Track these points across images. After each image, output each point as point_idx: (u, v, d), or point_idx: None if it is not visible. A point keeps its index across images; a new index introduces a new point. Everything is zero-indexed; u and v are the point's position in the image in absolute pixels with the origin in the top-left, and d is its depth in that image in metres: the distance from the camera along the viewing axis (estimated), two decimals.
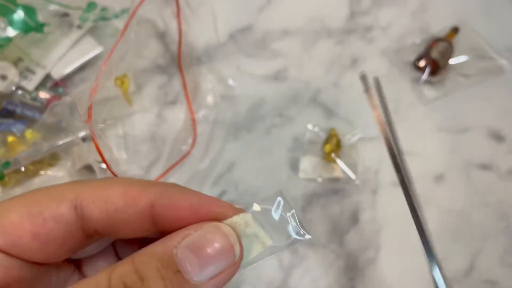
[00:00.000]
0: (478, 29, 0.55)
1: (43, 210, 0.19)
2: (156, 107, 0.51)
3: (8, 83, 0.48)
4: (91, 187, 0.19)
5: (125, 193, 0.19)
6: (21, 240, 0.18)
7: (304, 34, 0.56)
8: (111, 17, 0.51)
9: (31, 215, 0.18)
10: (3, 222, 0.18)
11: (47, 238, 0.19)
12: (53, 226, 0.19)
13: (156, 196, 0.19)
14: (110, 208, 0.19)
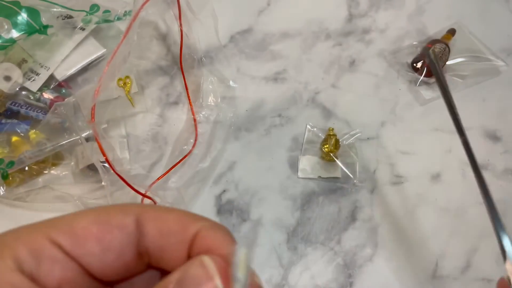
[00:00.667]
0: (474, 30, 0.55)
1: (110, 217, 0.20)
2: (158, 108, 0.51)
3: (12, 84, 0.48)
4: (154, 208, 0.21)
5: (179, 219, 0.20)
6: (86, 242, 0.19)
7: (303, 36, 0.56)
8: (113, 19, 0.52)
9: (99, 221, 0.20)
10: (74, 225, 0.20)
11: (109, 245, 0.20)
12: (117, 234, 0.20)
13: (201, 228, 0.20)
14: (164, 229, 0.20)
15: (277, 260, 0.45)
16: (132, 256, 0.21)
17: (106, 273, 0.20)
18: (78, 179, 0.47)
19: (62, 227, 0.20)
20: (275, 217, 0.47)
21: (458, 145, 0.51)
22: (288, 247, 0.45)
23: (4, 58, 0.49)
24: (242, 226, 0.46)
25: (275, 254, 0.45)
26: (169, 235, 0.20)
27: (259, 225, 0.46)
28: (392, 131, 0.51)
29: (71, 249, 0.19)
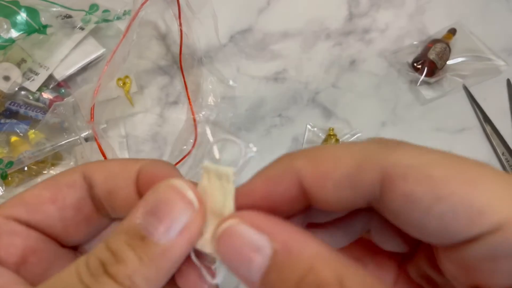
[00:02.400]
0: (475, 30, 0.55)
1: (58, 179, 0.21)
2: (157, 108, 0.51)
3: (11, 83, 0.48)
4: (98, 161, 0.22)
5: (120, 163, 0.22)
6: (41, 206, 0.20)
7: (303, 36, 0.56)
8: (113, 19, 0.52)
9: (48, 185, 0.21)
10: (24, 195, 0.20)
11: (63, 203, 0.20)
12: (68, 191, 0.21)
13: (142, 165, 0.21)
14: (109, 174, 0.21)
15: None
16: (89, 208, 0.21)
17: (70, 233, 0.21)
18: None
19: (14, 202, 0.20)
20: None
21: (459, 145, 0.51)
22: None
23: (3, 58, 0.49)
24: None
25: None
26: (114, 178, 0.21)
27: None
28: (392, 131, 0.51)
29: (28, 217, 0.20)
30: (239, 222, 0.17)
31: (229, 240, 0.17)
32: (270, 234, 0.17)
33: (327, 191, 0.18)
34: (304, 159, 0.18)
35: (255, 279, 0.16)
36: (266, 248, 0.16)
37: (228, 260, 0.17)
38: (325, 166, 0.18)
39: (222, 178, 0.18)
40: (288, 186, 0.18)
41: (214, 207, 0.19)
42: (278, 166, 0.19)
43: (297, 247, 0.16)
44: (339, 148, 0.18)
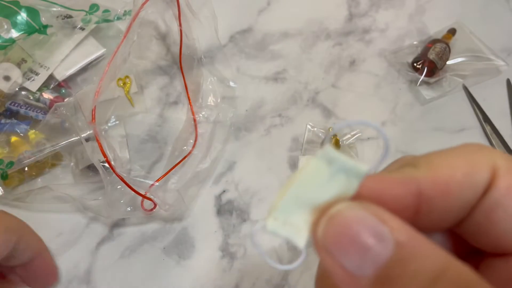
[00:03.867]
0: (475, 30, 0.55)
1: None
2: (158, 108, 0.51)
3: (11, 84, 0.48)
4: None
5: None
6: None
7: (303, 36, 0.56)
8: (113, 19, 0.52)
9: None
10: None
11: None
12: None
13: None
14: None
15: (277, 260, 0.45)
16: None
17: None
18: (78, 179, 0.47)
19: None
20: None
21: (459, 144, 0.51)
22: (288, 247, 0.45)
23: (3, 58, 0.49)
24: (242, 227, 0.46)
25: (275, 254, 0.45)
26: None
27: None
28: (392, 131, 0.51)
29: None
30: (360, 206, 0.15)
31: (344, 221, 0.15)
32: (392, 226, 0.15)
33: (449, 196, 0.17)
34: (421, 169, 0.17)
35: (366, 272, 0.15)
36: (389, 239, 0.14)
37: (336, 245, 0.15)
38: (444, 172, 0.17)
39: (347, 173, 0.16)
40: (406, 193, 0.17)
41: (307, 197, 0.16)
42: (399, 175, 0.18)
43: (425, 245, 0.15)
44: (447, 153, 0.17)
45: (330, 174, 0.16)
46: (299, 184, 0.16)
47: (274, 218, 0.16)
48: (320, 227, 0.16)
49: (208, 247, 0.45)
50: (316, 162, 0.16)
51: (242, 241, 0.45)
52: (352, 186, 0.16)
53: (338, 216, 0.15)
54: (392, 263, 0.14)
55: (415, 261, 0.14)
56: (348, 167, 0.16)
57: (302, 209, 0.16)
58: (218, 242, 0.45)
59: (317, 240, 0.15)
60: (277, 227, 0.16)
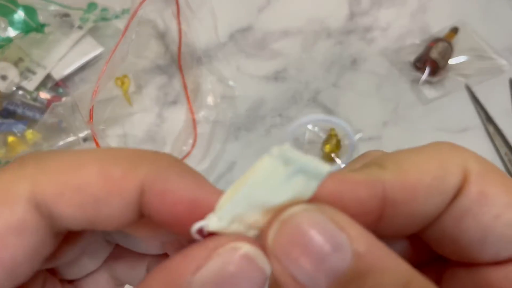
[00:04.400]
0: (478, 29, 0.55)
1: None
2: (156, 108, 0.51)
3: (8, 83, 0.48)
4: (53, 171, 0.14)
5: (105, 177, 0.14)
6: None
7: (304, 35, 0.56)
8: (111, 17, 0.51)
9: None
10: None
11: (13, 262, 0.13)
12: (14, 243, 0.13)
13: (147, 179, 0.14)
14: (86, 201, 0.14)
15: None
16: (51, 242, 0.15)
17: (28, 276, 0.15)
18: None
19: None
20: None
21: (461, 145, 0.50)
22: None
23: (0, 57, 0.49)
24: None
25: None
26: (95, 204, 0.14)
27: None
28: (394, 131, 0.51)
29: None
30: (316, 209, 0.14)
31: (297, 227, 0.13)
32: (350, 234, 0.13)
33: (416, 201, 0.15)
34: (389, 171, 0.15)
35: (320, 285, 0.13)
36: (347, 248, 0.13)
37: (286, 254, 0.13)
38: (412, 175, 0.15)
39: (306, 174, 0.15)
40: (370, 195, 0.15)
41: (260, 199, 0.15)
42: (363, 175, 0.16)
43: (386, 256, 0.13)
44: (417, 153, 0.16)
45: (287, 175, 0.15)
46: (251, 184, 0.15)
47: (219, 217, 0.15)
48: (270, 232, 0.14)
49: None
50: (271, 161, 0.15)
51: None
52: (310, 188, 0.15)
53: (290, 221, 0.14)
54: (349, 276, 0.13)
55: (375, 275, 0.13)
56: (307, 168, 0.15)
57: (252, 211, 0.15)
58: None
59: (267, 247, 0.14)
60: (221, 227, 0.15)
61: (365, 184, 0.15)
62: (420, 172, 0.15)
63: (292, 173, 0.15)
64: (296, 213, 0.14)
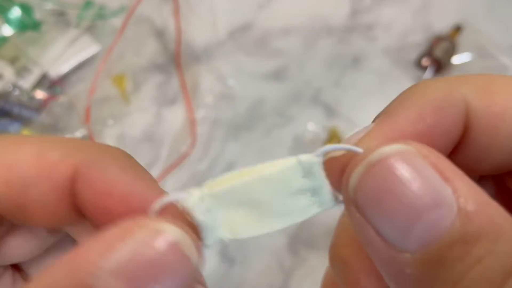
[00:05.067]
0: (481, 27, 0.55)
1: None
2: (154, 107, 0.51)
3: (4, 82, 0.48)
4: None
5: (39, 158, 0.13)
6: None
7: (305, 32, 0.55)
8: (108, 15, 0.51)
9: None
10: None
11: None
12: None
13: (82, 166, 0.13)
14: (15, 178, 0.13)
15: (277, 265, 0.44)
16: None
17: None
18: None
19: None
20: None
21: None
22: (289, 251, 0.44)
23: None
24: None
25: (275, 258, 0.44)
26: (24, 186, 0.13)
27: None
28: None
29: None
30: (416, 152, 0.11)
31: (390, 171, 0.11)
32: (456, 188, 0.11)
33: (499, 133, 0.13)
34: (473, 87, 0.13)
35: (411, 246, 0.11)
36: (451, 204, 0.11)
37: (374, 202, 0.11)
38: (502, 100, 0.13)
39: (314, 196, 0.14)
40: (455, 120, 0.13)
41: (259, 194, 0.14)
42: (442, 92, 0.13)
43: (500, 218, 0.11)
44: (506, 77, 0.13)
45: (299, 187, 0.14)
46: (264, 177, 0.14)
47: (202, 198, 0.14)
48: (354, 175, 0.12)
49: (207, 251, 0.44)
50: (295, 166, 0.14)
51: (242, 245, 0.45)
52: (308, 213, 0.14)
53: (383, 163, 0.11)
54: (451, 239, 0.10)
55: (486, 240, 0.10)
56: (321, 192, 0.14)
57: (241, 208, 0.14)
58: (217, 246, 0.44)
59: (349, 190, 0.12)
60: (199, 210, 0.14)
61: (448, 105, 0.13)
62: (510, 96, 0.13)
63: (304, 188, 0.14)
64: (391, 154, 0.11)
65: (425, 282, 0.11)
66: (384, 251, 0.11)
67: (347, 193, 0.12)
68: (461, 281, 0.10)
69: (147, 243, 0.11)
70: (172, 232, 0.12)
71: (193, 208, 0.14)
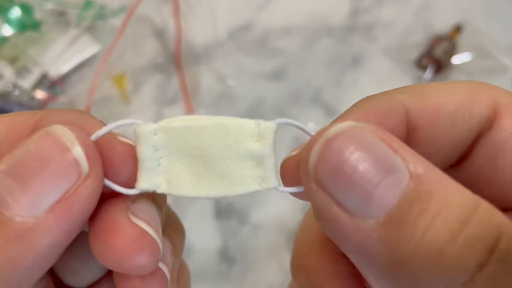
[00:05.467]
0: (482, 27, 0.55)
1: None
2: (154, 107, 0.51)
3: (4, 82, 0.48)
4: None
5: (11, 120, 0.15)
6: None
7: (305, 32, 0.55)
8: (108, 15, 0.51)
9: None
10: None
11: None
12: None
13: (40, 119, 0.15)
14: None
15: (277, 265, 0.44)
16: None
17: None
18: None
19: None
20: (276, 219, 0.46)
21: None
22: (289, 251, 0.44)
23: None
24: (242, 230, 0.45)
25: (275, 258, 0.44)
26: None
27: (259, 228, 0.45)
28: None
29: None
30: (366, 128, 0.12)
31: (348, 145, 0.12)
32: (404, 156, 0.12)
33: (439, 127, 0.14)
34: (408, 94, 0.15)
35: (373, 212, 0.12)
36: (403, 170, 0.12)
37: (334, 176, 0.12)
38: (435, 100, 0.14)
39: (259, 167, 0.14)
40: (397, 122, 0.14)
41: (205, 142, 0.14)
42: (383, 100, 0.15)
43: (447, 180, 0.12)
44: (443, 84, 0.15)
45: (248, 150, 0.14)
46: (214, 124, 0.14)
47: (154, 131, 0.14)
48: (314, 152, 0.13)
49: (207, 251, 0.44)
50: (252, 124, 0.14)
51: (242, 245, 0.44)
52: (247, 186, 0.14)
53: (339, 138, 0.12)
54: (409, 200, 0.12)
55: (438, 197, 0.12)
56: (267, 164, 0.14)
57: (184, 159, 0.14)
58: (216, 245, 0.44)
59: (308, 168, 0.13)
60: (147, 142, 0.14)
61: (390, 110, 0.14)
62: (443, 98, 0.14)
63: (253, 153, 0.14)
64: (345, 128, 0.12)
65: (392, 243, 0.11)
66: (348, 222, 0.12)
67: (306, 173, 0.13)
68: (425, 234, 0.11)
69: (34, 141, 0.13)
70: (57, 130, 0.13)
71: (143, 138, 0.14)
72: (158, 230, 0.15)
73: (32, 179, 0.13)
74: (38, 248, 0.12)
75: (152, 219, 0.15)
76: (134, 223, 0.14)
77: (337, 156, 0.12)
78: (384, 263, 0.12)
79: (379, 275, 0.12)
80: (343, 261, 0.17)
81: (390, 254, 0.11)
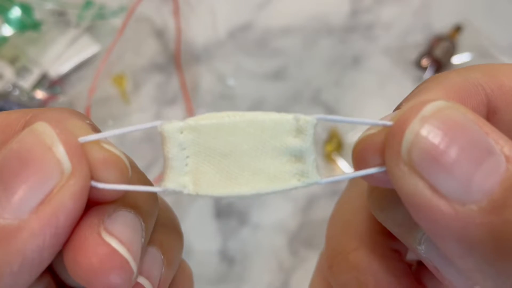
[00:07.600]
0: (482, 27, 0.55)
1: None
2: (154, 107, 0.51)
3: (4, 82, 0.48)
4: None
5: (3, 119, 0.15)
6: None
7: (305, 32, 0.55)
8: (108, 15, 0.51)
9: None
10: None
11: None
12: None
13: (31, 118, 0.15)
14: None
15: (277, 265, 0.44)
16: None
17: None
18: None
19: None
20: (276, 220, 0.46)
21: None
22: (289, 251, 0.44)
23: None
24: (242, 230, 0.45)
25: (275, 258, 0.44)
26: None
27: (259, 228, 0.45)
28: None
29: None
30: (459, 108, 0.12)
31: (451, 123, 0.11)
32: (495, 138, 0.12)
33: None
34: (483, 73, 0.14)
35: (476, 196, 0.11)
36: (499, 154, 0.11)
37: (430, 161, 0.11)
38: (509, 80, 0.14)
39: (299, 162, 0.13)
40: (478, 102, 0.14)
41: (239, 139, 0.13)
42: (459, 78, 0.14)
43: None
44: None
45: (287, 146, 0.13)
46: (247, 121, 0.13)
47: (181, 130, 0.14)
48: (409, 132, 0.12)
49: (207, 251, 0.44)
50: (289, 120, 0.13)
51: (241, 245, 0.44)
52: (285, 184, 0.13)
53: (436, 119, 0.11)
54: (510, 183, 0.11)
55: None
56: (309, 158, 0.13)
57: (213, 158, 0.13)
58: (216, 245, 0.44)
59: (400, 150, 0.12)
60: (174, 141, 0.14)
61: (469, 91, 0.13)
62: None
63: (291, 148, 0.13)
64: (441, 108, 0.12)
65: (497, 229, 0.11)
66: (445, 208, 0.11)
67: (397, 155, 0.12)
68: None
69: (18, 140, 0.13)
70: (39, 127, 0.13)
71: (169, 137, 0.14)
72: (133, 247, 0.14)
73: (14, 179, 0.12)
74: (23, 252, 0.12)
75: (126, 235, 0.14)
76: (104, 240, 0.13)
77: (435, 138, 0.11)
78: (487, 251, 0.11)
79: (481, 266, 0.11)
80: (397, 257, 0.16)
81: (495, 241, 0.11)
